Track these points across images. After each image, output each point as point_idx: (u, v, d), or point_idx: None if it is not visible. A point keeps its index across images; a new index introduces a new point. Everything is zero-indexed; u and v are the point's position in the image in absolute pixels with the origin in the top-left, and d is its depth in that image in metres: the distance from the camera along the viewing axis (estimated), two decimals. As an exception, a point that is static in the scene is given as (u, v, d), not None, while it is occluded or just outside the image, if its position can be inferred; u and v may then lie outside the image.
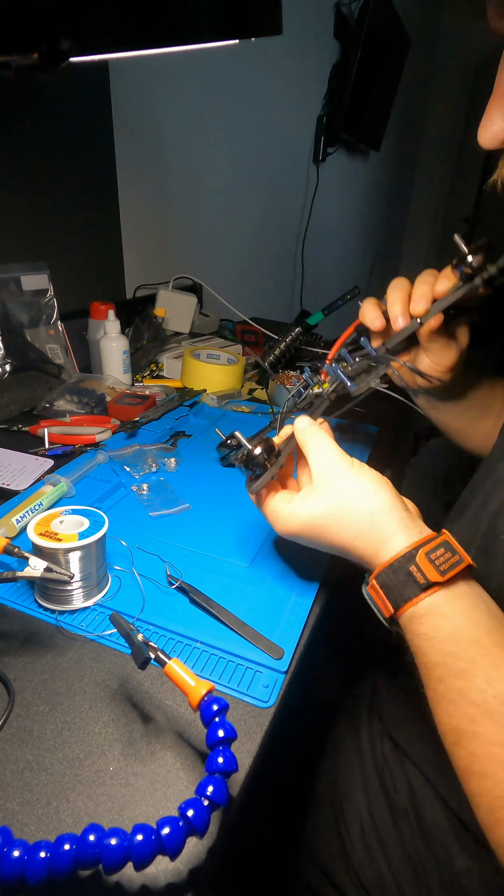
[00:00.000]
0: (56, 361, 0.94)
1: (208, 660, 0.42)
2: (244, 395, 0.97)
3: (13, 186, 0.93)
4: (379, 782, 0.51)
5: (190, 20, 0.51)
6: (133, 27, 0.51)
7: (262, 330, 1.25)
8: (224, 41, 0.52)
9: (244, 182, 1.72)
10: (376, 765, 0.52)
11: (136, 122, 1.17)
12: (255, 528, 0.58)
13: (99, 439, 0.74)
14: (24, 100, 0.90)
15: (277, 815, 0.59)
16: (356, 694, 0.60)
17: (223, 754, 0.29)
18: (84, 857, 0.25)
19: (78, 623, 0.44)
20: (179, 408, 0.87)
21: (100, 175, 1.12)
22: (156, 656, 0.34)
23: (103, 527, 0.45)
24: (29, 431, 0.77)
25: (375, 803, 0.50)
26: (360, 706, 0.58)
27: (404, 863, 0.47)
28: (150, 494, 0.63)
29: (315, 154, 2.10)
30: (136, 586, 0.48)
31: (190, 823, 0.27)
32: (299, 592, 0.49)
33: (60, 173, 1.01)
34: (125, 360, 0.95)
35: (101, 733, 0.36)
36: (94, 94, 1.05)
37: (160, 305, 1.21)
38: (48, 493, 0.58)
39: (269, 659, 0.42)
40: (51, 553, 0.43)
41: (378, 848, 0.49)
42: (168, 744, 0.35)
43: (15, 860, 0.25)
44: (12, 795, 0.32)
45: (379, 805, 0.50)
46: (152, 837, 0.26)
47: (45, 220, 1.00)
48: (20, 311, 0.91)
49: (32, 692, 0.38)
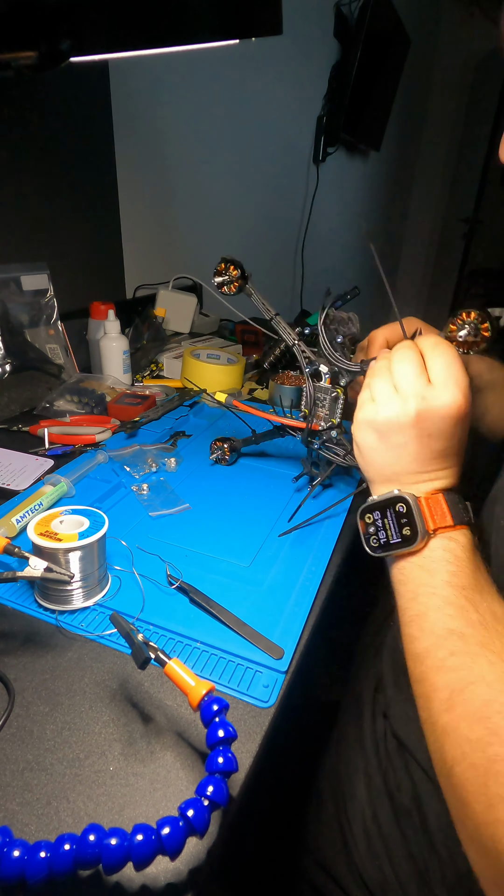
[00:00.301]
0: (56, 361, 0.94)
1: (208, 660, 0.42)
2: (244, 395, 0.97)
3: (13, 186, 0.93)
4: (382, 781, 0.51)
5: (190, 20, 0.51)
6: (133, 27, 0.51)
7: (262, 330, 1.24)
8: (224, 41, 0.52)
9: (244, 182, 1.72)
10: (380, 764, 0.52)
11: (136, 122, 1.17)
12: (255, 528, 0.58)
13: (99, 439, 0.74)
14: (24, 100, 0.90)
15: (278, 813, 0.59)
16: (358, 692, 0.60)
17: (223, 754, 0.29)
18: (84, 857, 0.25)
19: (78, 623, 0.44)
20: (179, 408, 0.87)
21: (100, 175, 1.12)
22: (156, 656, 0.34)
23: (103, 527, 0.45)
24: (29, 431, 0.77)
25: (379, 802, 0.50)
26: (362, 705, 0.58)
27: (407, 862, 0.47)
28: (150, 494, 0.63)
29: (315, 154, 2.10)
30: (136, 586, 0.48)
31: (190, 823, 0.27)
32: (299, 592, 0.49)
33: (61, 173, 1.01)
34: (125, 360, 0.95)
35: (101, 733, 0.36)
36: (94, 94, 1.05)
37: (160, 305, 1.21)
38: (48, 493, 0.58)
39: (270, 659, 0.42)
40: (51, 553, 0.43)
41: (381, 847, 0.49)
42: (168, 744, 0.35)
43: (15, 860, 0.25)
44: (12, 795, 0.32)
45: (382, 804, 0.50)
46: (152, 837, 0.26)
47: (45, 220, 1.00)
48: (20, 311, 0.91)
49: (32, 692, 0.38)
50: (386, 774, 0.51)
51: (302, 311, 2.11)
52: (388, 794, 0.50)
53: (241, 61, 1.50)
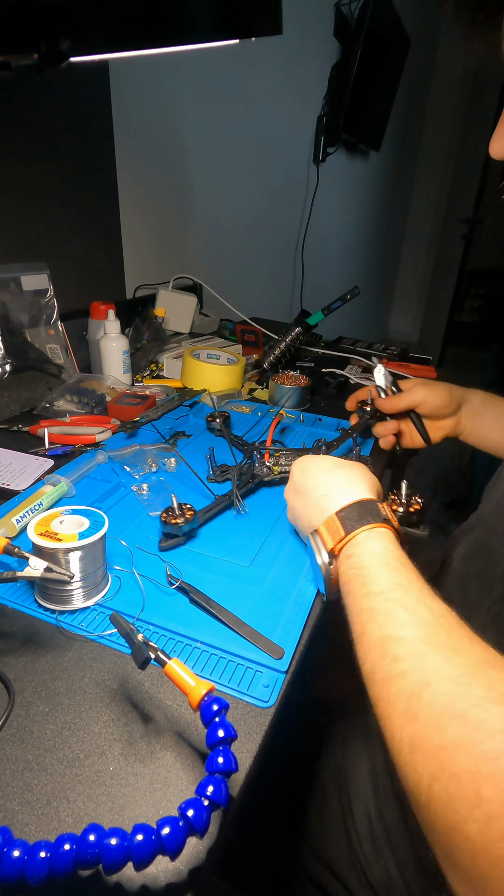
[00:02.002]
0: (56, 361, 0.94)
1: (208, 660, 0.42)
2: (244, 395, 0.97)
3: (13, 186, 0.93)
4: (390, 780, 0.51)
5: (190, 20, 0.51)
6: (133, 27, 0.51)
7: (262, 330, 1.25)
8: (224, 41, 0.52)
9: (244, 182, 1.72)
10: (387, 763, 0.52)
11: (136, 121, 1.17)
12: (255, 528, 0.58)
13: (99, 439, 0.74)
14: (23, 100, 0.90)
15: (278, 809, 0.58)
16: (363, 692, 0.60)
17: (223, 754, 0.29)
18: (84, 857, 0.25)
19: (78, 623, 0.44)
20: (179, 408, 0.87)
21: (100, 175, 1.12)
22: (156, 656, 0.34)
23: (103, 527, 0.45)
24: (29, 431, 0.77)
25: (385, 802, 0.50)
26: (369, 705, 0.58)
27: (414, 864, 0.47)
28: (149, 494, 0.63)
29: (315, 154, 2.10)
30: (136, 586, 0.48)
31: (190, 823, 0.27)
32: (299, 592, 0.49)
33: (60, 173, 1.01)
34: (125, 360, 0.95)
35: (101, 733, 0.36)
36: (94, 94, 1.05)
37: (160, 305, 1.21)
38: (48, 493, 0.58)
39: (270, 659, 0.42)
40: (51, 553, 0.43)
41: (387, 848, 0.48)
42: (168, 744, 0.35)
43: (15, 860, 0.25)
44: (12, 795, 0.32)
45: (389, 804, 0.50)
46: (152, 837, 0.26)
47: (45, 220, 1.00)
48: (20, 311, 0.91)
49: (32, 692, 0.38)
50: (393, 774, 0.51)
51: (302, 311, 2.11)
52: (396, 794, 0.50)
53: (241, 61, 1.50)
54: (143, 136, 1.22)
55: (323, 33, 1.91)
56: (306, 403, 0.93)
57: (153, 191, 1.31)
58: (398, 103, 2.54)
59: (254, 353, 1.18)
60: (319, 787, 0.56)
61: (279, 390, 0.91)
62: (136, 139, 1.19)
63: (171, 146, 1.33)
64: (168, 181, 1.36)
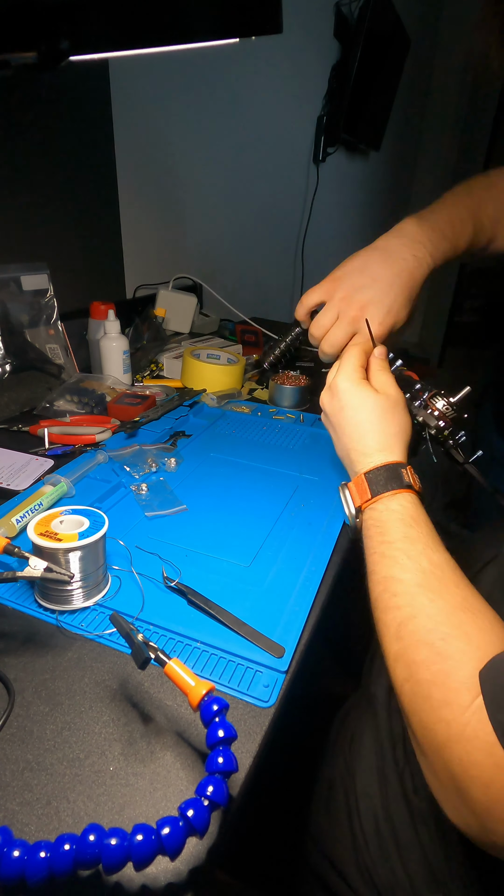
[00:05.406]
0: (56, 361, 0.94)
1: (208, 660, 0.42)
2: (244, 395, 0.97)
3: (13, 186, 0.93)
4: (398, 782, 0.51)
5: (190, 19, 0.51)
6: (133, 26, 0.51)
7: (262, 330, 1.25)
8: (224, 40, 0.52)
9: (244, 182, 1.72)
10: (396, 765, 0.52)
11: (136, 121, 1.17)
12: (255, 528, 0.58)
13: (99, 439, 0.74)
14: (23, 99, 0.90)
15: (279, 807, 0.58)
16: (372, 693, 0.60)
17: (223, 754, 0.29)
18: (84, 858, 0.25)
19: (78, 623, 0.44)
20: (179, 408, 0.87)
21: (100, 175, 1.12)
22: (156, 656, 0.34)
23: (103, 527, 0.45)
24: (29, 431, 0.77)
25: (394, 803, 0.50)
26: (377, 704, 0.58)
27: (422, 865, 0.47)
28: (148, 494, 0.63)
29: (315, 154, 2.10)
30: (136, 586, 0.48)
31: (190, 823, 0.27)
32: (299, 592, 0.49)
33: (60, 173, 1.01)
34: (125, 360, 0.95)
35: (101, 733, 0.36)
36: (94, 93, 1.05)
37: (160, 305, 1.21)
38: (48, 493, 0.58)
39: (270, 658, 0.42)
40: (51, 553, 0.43)
41: (394, 848, 0.48)
42: (168, 744, 0.35)
43: (15, 860, 0.25)
44: (12, 795, 0.32)
45: (398, 806, 0.50)
46: (152, 837, 0.26)
47: (45, 220, 1.00)
48: (20, 311, 0.91)
49: (32, 692, 0.38)
50: (402, 776, 0.51)
51: (302, 311, 2.11)
52: (404, 797, 0.50)
53: (241, 61, 1.50)
54: (143, 136, 1.22)
55: (323, 33, 1.91)
56: (306, 403, 0.93)
57: (153, 191, 1.31)
58: (398, 103, 2.54)
59: (254, 353, 1.18)
60: (325, 786, 0.56)
61: (279, 390, 0.91)
62: (136, 139, 1.19)
63: (171, 146, 1.33)
64: (168, 181, 1.36)
